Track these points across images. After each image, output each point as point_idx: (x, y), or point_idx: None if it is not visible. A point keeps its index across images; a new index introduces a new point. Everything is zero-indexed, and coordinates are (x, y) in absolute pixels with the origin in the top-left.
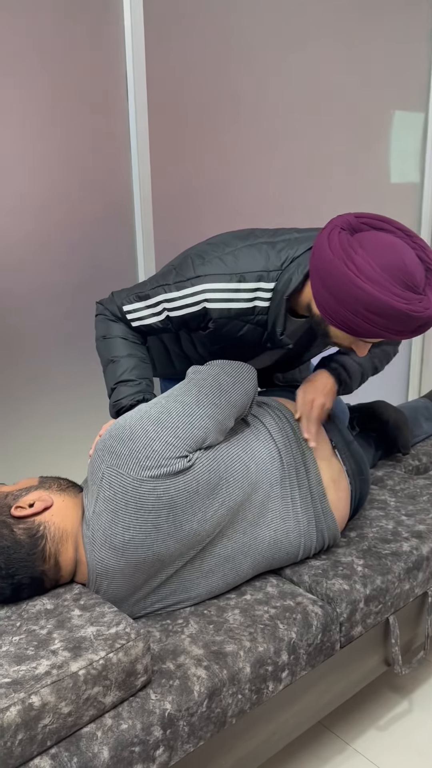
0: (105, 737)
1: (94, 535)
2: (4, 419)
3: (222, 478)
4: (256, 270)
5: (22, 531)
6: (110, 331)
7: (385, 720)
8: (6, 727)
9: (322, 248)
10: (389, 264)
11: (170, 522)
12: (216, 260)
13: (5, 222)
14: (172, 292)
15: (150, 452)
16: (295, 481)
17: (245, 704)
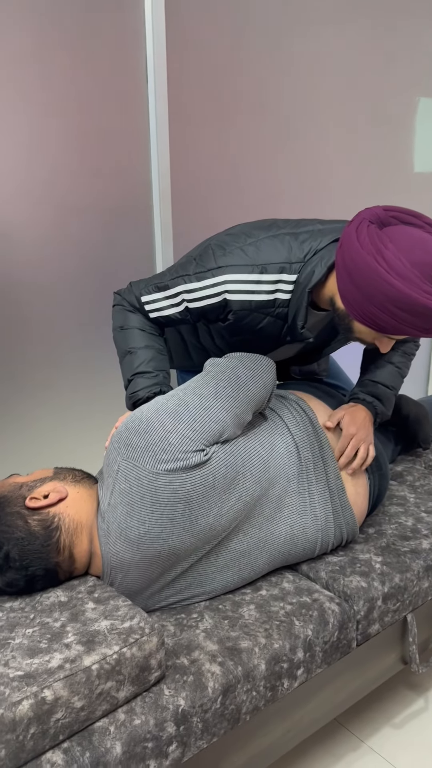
0: (118, 732)
1: (109, 528)
2: (21, 406)
3: (239, 472)
4: (278, 261)
5: (36, 522)
6: (128, 322)
7: (401, 718)
8: (18, 720)
9: (351, 242)
10: (420, 260)
11: (186, 516)
12: (237, 251)
13: (26, 210)
14: (192, 282)
15: (166, 445)
16: (313, 475)
17: (260, 701)
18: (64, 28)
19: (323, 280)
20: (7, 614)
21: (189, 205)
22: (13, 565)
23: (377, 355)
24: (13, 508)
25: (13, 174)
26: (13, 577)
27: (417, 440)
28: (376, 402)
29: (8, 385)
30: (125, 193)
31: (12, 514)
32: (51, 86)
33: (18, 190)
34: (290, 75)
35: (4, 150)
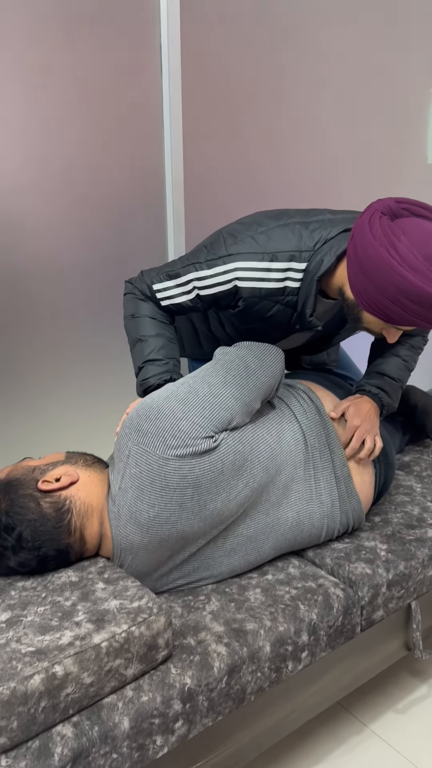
0: (126, 708)
1: (120, 511)
2: (32, 391)
3: (247, 459)
4: (288, 250)
5: (48, 504)
6: (139, 310)
7: (404, 703)
8: (30, 694)
9: (364, 233)
10: (429, 251)
11: (195, 501)
12: (248, 239)
13: (40, 201)
14: (204, 270)
15: (176, 431)
16: (319, 462)
17: (264, 682)
18: (79, 20)
19: (332, 269)
20: (19, 593)
21: (201, 197)
22: (26, 545)
23: (385, 347)
24: (26, 490)
25: (29, 166)
26: (25, 558)
27: (425, 430)
28: (382, 393)
29: (19, 373)
30: (138, 184)
31: (25, 497)
32: (65, 79)
33: (33, 181)
34: (304, 66)
35: (19, 142)
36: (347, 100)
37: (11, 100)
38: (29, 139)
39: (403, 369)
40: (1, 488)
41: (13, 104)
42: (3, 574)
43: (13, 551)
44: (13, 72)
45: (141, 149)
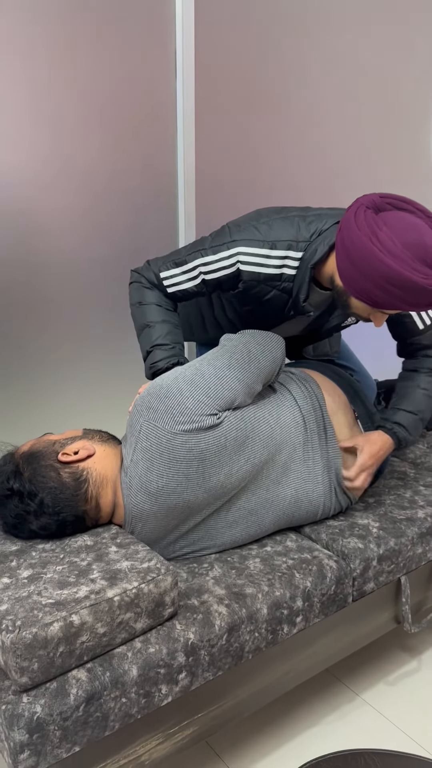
0: (135, 658)
1: (131, 481)
2: (49, 377)
3: (248, 437)
4: (286, 239)
5: (67, 474)
6: (145, 298)
7: (395, 676)
8: (50, 639)
9: (350, 225)
10: (411, 242)
11: (200, 473)
12: (251, 228)
13: (58, 195)
14: (209, 255)
15: (183, 409)
16: (317, 444)
17: (261, 642)
18: (98, 24)
19: (324, 258)
20: (39, 554)
21: (212, 194)
22: (47, 510)
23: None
24: (47, 461)
25: (48, 164)
26: (46, 522)
27: None
28: (398, 427)
29: (38, 359)
30: (152, 182)
31: (46, 467)
32: (83, 81)
33: (51, 179)
34: (312, 69)
35: (39, 142)
36: (353, 101)
37: (31, 101)
38: (48, 139)
39: (424, 399)
40: (25, 459)
41: (33, 106)
42: (25, 537)
43: (35, 516)
44: (33, 75)
45: (155, 149)
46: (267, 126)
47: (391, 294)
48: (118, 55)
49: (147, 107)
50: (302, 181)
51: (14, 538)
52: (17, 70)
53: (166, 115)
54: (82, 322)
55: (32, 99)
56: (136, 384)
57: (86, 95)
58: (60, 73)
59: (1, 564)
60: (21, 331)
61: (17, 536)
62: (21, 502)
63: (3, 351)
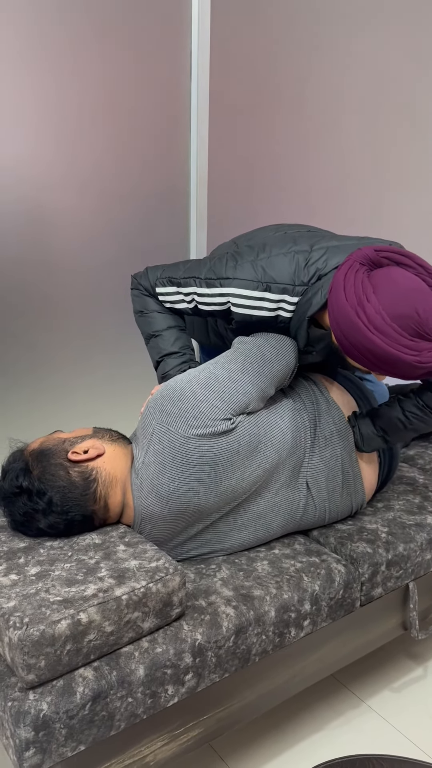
0: (142, 657)
1: (142, 483)
2: (58, 375)
3: (261, 441)
4: (282, 282)
5: (77, 474)
6: (147, 306)
7: (400, 683)
8: (57, 637)
9: (338, 291)
10: (401, 314)
11: (212, 477)
12: (248, 265)
13: (70, 194)
14: (203, 288)
15: (197, 413)
16: (327, 448)
17: (268, 645)
18: (111, 21)
19: (324, 305)
20: (48, 551)
21: (224, 195)
22: (55, 509)
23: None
24: (57, 459)
25: (61, 163)
26: (54, 521)
27: None
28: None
29: (47, 358)
30: (164, 182)
31: (56, 465)
32: (96, 79)
33: (64, 177)
34: (327, 72)
35: (52, 140)
36: (368, 107)
37: (44, 101)
38: (61, 137)
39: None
40: (35, 456)
41: (45, 105)
42: (33, 535)
43: (44, 514)
44: (45, 71)
45: (168, 150)
46: (281, 128)
47: (381, 367)
48: (133, 55)
49: (161, 108)
50: (315, 183)
51: (22, 535)
52: (31, 70)
53: (180, 116)
54: (92, 321)
55: (45, 99)
56: (144, 384)
57: (99, 95)
58: (74, 73)
59: (9, 561)
60: (30, 329)
61: (25, 534)
62: (29, 500)
63: (12, 349)
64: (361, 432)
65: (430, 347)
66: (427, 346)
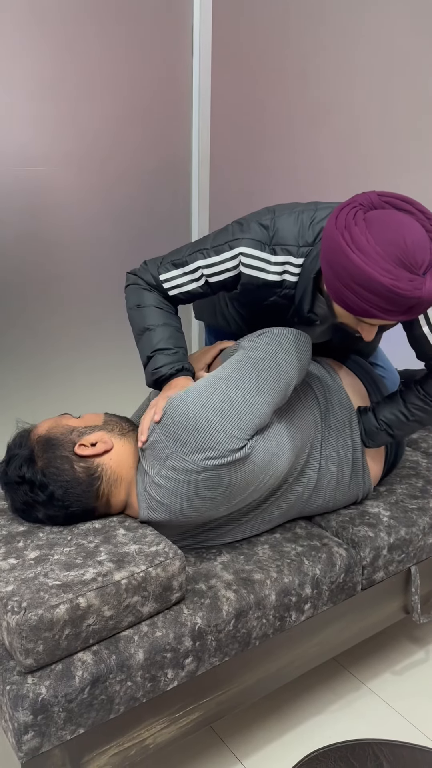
0: (141, 641)
1: (151, 500)
2: (61, 357)
3: (274, 454)
4: (287, 244)
5: (81, 468)
6: (144, 300)
7: (401, 666)
8: (55, 621)
9: (330, 221)
10: (387, 239)
11: (226, 496)
12: (255, 225)
13: (70, 173)
14: (211, 256)
15: (214, 444)
16: (335, 440)
17: (269, 629)
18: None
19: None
20: (47, 535)
21: (226, 176)
22: (56, 503)
23: (399, 393)
24: (63, 451)
25: (60, 141)
26: (54, 513)
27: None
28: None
29: (50, 339)
30: (166, 162)
31: (61, 458)
32: (96, 55)
33: (64, 156)
34: (331, 49)
35: (51, 118)
36: (374, 84)
37: (43, 76)
38: (61, 115)
39: (399, 419)
40: (41, 445)
41: (44, 81)
42: (31, 522)
43: (44, 506)
44: (45, 49)
45: (170, 129)
46: (283, 108)
47: (362, 297)
48: (134, 34)
49: (163, 87)
50: (318, 163)
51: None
52: (34, 50)
53: (182, 96)
54: (95, 302)
55: (46, 77)
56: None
57: (101, 74)
58: (75, 52)
59: (8, 544)
60: (33, 310)
61: (25, 520)
62: (31, 491)
63: (15, 330)
64: (365, 428)
65: (410, 277)
66: (408, 276)
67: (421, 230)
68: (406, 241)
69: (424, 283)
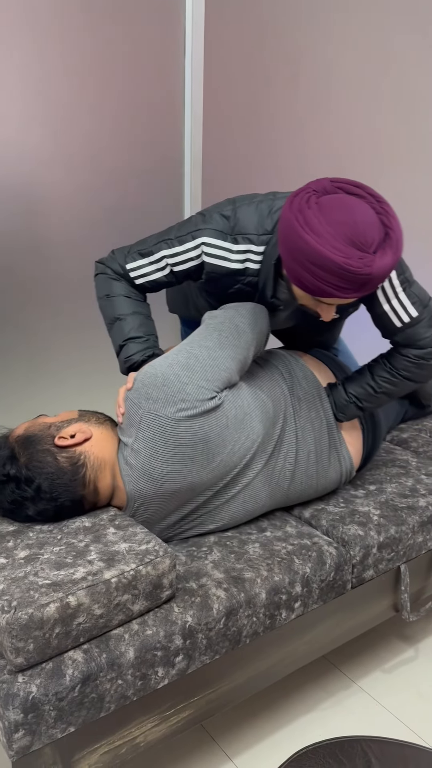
0: (132, 640)
1: (133, 470)
2: (53, 359)
3: (246, 413)
4: (246, 233)
5: (64, 459)
6: (113, 290)
7: (391, 664)
8: (46, 620)
9: (285, 207)
10: (338, 220)
11: (204, 455)
12: (216, 216)
13: (62, 171)
14: (175, 246)
15: (185, 395)
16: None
17: (259, 627)
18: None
19: None
20: (37, 534)
21: (219, 177)
22: (44, 496)
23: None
24: (43, 446)
25: (52, 140)
26: (43, 507)
27: (417, 399)
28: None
29: (42, 341)
30: (158, 161)
31: (43, 452)
32: (89, 53)
33: (55, 154)
34: (322, 50)
35: (43, 116)
36: (362, 85)
37: (35, 75)
38: (55, 118)
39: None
40: (21, 443)
41: (37, 79)
42: (22, 521)
43: (32, 501)
44: (37, 48)
45: (162, 130)
46: (276, 108)
47: (317, 276)
48: (127, 35)
49: (155, 88)
50: (310, 164)
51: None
52: (26, 50)
53: (174, 96)
54: (86, 302)
55: (39, 78)
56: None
57: (93, 74)
58: (68, 53)
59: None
60: (24, 310)
61: (14, 520)
62: (18, 488)
63: (6, 330)
64: (336, 402)
65: (360, 255)
66: (358, 254)
67: (371, 212)
68: (356, 222)
69: (374, 260)
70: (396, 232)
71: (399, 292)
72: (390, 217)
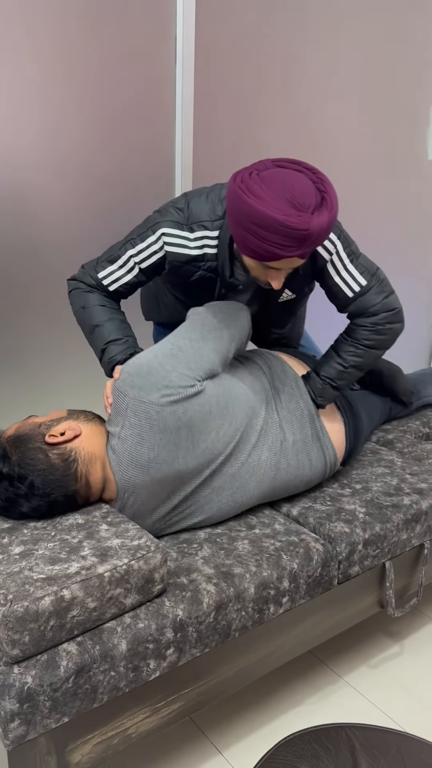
0: (124, 632)
1: (121, 458)
2: (46, 361)
3: (228, 402)
4: (200, 220)
5: (56, 456)
6: (88, 301)
7: (377, 659)
8: (41, 613)
9: (230, 181)
10: (278, 187)
11: (189, 440)
12: (171, 209)
13: (52, 174)
14: (138, 244)
15: (169, 382)
16: (287, 404)
17: (248, 621)
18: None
19: None
20: (31, 531)
21: (209, 180)
22: (37, 492)
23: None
24: (34, 444)
25: (43, 142)
26: (37, 503)
27: (398, 396)
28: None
29: (34, 344)
30: (149, 166)
31: (34, 449)
32: (80, 59)
33: (46, 157)
34: (311, 59)
35: (35, 119)
36: (351, 94)
37: (28, 79)
38: (46, 123)
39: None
40: (12, 442)
41: (29, 83)
42: (16, 518)
43: (26, 498)
44: (29, 51)
45: (153, 133)
46: (266, 113)
47: (260, 237)
48: (117, 38)
49: (146, 92)
50: None
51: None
52: (17, 54)
53: (165, 101)
54: None
55: (29, 82)
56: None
57: (85, 79)
58: (58, 56)
59: None
60: (16, 314)
61: (8, 517)
62: (11, 485)
63: None
64: (312, 388)
65: (298, 214)
66: (296, 213)
67: (309, 182)
68: (295, 188)
69: (311, 219)
70: (331, 196)
71: (347, 264)
72: (325, 184)
